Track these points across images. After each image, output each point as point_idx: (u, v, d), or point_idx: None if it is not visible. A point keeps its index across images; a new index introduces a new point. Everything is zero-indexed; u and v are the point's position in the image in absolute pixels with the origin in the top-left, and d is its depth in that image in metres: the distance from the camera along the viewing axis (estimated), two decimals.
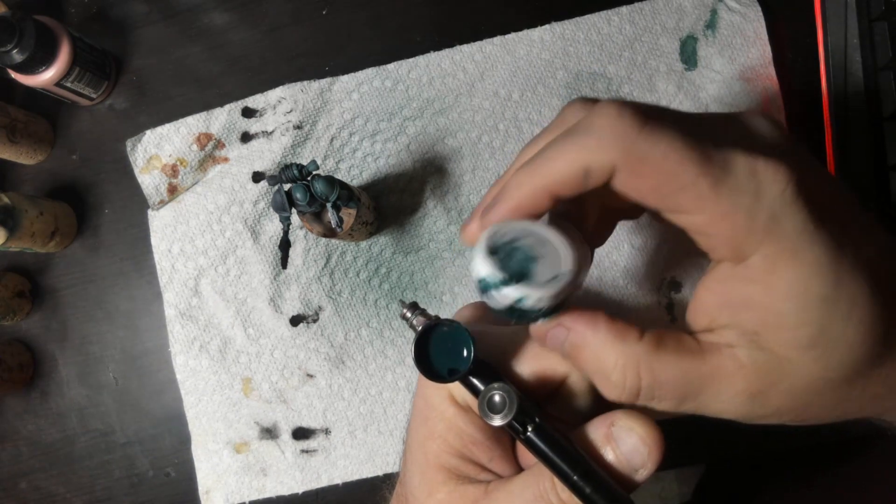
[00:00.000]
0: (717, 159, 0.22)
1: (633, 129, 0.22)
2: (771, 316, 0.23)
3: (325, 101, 0.48)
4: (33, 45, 0.45)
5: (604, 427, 0.24)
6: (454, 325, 0.25)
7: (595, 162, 0.23)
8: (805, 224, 0.22)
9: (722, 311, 0.24)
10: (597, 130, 0.23)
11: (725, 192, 0.22)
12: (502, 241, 0.24)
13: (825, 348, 0.23)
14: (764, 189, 0.22)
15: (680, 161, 0.22)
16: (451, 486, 0.26)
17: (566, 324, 0.25)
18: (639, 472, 0.24)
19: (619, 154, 0.22)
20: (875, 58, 0.42)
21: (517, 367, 0.26)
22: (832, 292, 0.22)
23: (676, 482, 1.03)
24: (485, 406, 0.24)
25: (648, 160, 0.22)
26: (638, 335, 0.25)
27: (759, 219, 0.22)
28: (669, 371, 0.24)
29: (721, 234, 0.23)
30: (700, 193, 0.22)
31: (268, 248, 0.48)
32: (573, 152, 0.23)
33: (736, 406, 0.24)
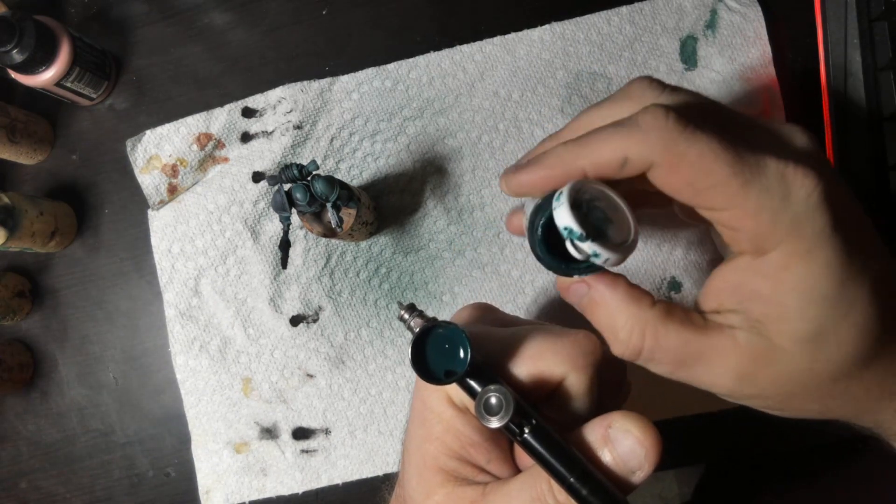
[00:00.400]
0: (750, 161, 0.24)
1: (676, 130, 0.24)
2: (775, 307, 0.25)
3: (325, 101, 0.48)
4: (33, 45, 0.45)
5: (601, 429, 0.24)
6: (451, 326, 0.25)
7: (634, 154, 0.25)
8: (823, 228, 0.24)
9: (731, 297, 0.26)
10: (642, 126, 0.24)
11: (754, 192, 0.24)
12: (584, 198, 0.26)
13: (818, 343, 0.25)
14: (791, 193, 0.24)
15: (715, 160, 0.24)
16: (449, 487, 0.26)
17: (589, 281, 0.27)
18: (636, 473, 0.24)
19: (660, 150, 0.24)
20: (875, 58, 0.42)
21: (514, 369, 0.26)
22: (835, 293, 0.24)
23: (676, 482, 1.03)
24: (481, 408, 0.24)
25: (686, 158, 0.24)
26: (651, 302, 0.27)
27: (783, 219, 0.24)
28: (671, 339, 0.26)
29: (746, 230, 0.25)
30: (731, 192, 0.24)
31: (268, 248, 0.48)
32: (616, 142, 0.25)
33: (724, 381, 0.26)
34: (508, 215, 0.32)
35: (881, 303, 0.24)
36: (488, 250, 0.47)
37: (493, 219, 0.47)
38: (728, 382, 0.26)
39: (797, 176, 0.24)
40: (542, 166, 0.27)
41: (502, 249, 0.47)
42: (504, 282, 0.46)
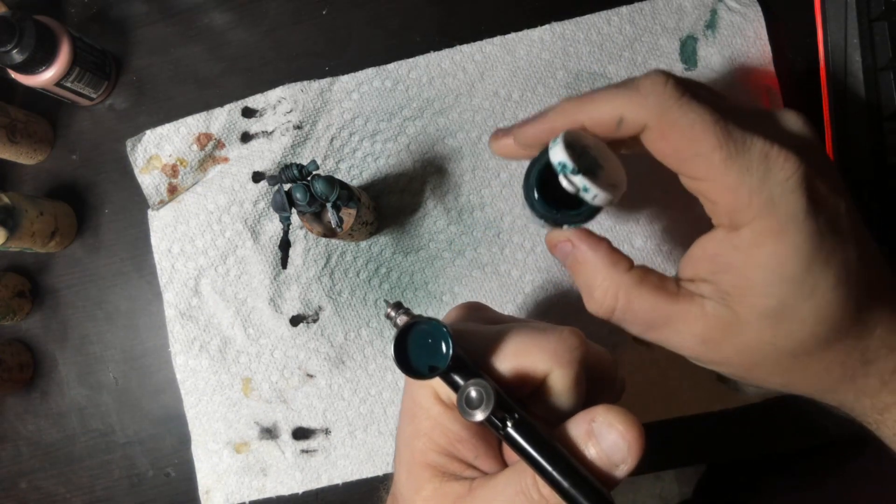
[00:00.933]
0: (737, 137, 0.25)
1: (673, 97, 0.25)
2: (743, 282, 0.26)
3: (325, 101, 0.48)
4: (33, 45, 0.45)
5: (585, 423, 0.24)
6: (433, 322, 0.25)
7: (631, 115, 0.26)
8: (797, 211, 0.25)
9: (706, 267, 0.28)
10: (641, 90, 0.26)
11: (735, 167, 0.25)
12: (578, 143, 0.28)
13: (779, 320, 0.26)
14: (771, 173, 0.25)
15: (703, 131, 0.25)
16: (437, 483, 0.26)
17: (574, 240, 0.30)
18: (620, 467, 0.24)
19: (654, 114, 0.26)
20: (875, 58, 0.42)
21: (498, 364, 0.26)
22: (801, 274, 0.25)
23: (676, 482, 1.03)
24: (463, 402, 0.24)
25: (677, 125, 0.25)
26: (628, 266, 0.29)
27: (759, 198, 0.25)
28: (643, 302, 0.28)
29: (723, 204, 0.26)
30: (713, 164, 0.25)
31: (268, 248, 0.48)
32: (615, 101, 0.27)
33: (690, 345, 0.28)
34: (493, 136, 0.34)
35: (846, 289, 0.26)
36: (488, 250, 0.47)
37: (493, 219, 0.47)
38: (693, 346, 0.28)
39: (779, 158, 0.25)
40: (545, 119, 0.29)
41: (502, 249, 0.47)
42: (504, 282, 0.46)
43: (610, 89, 0.27)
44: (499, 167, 0.47)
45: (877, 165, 0.42)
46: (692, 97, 0.25)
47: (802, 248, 0.25)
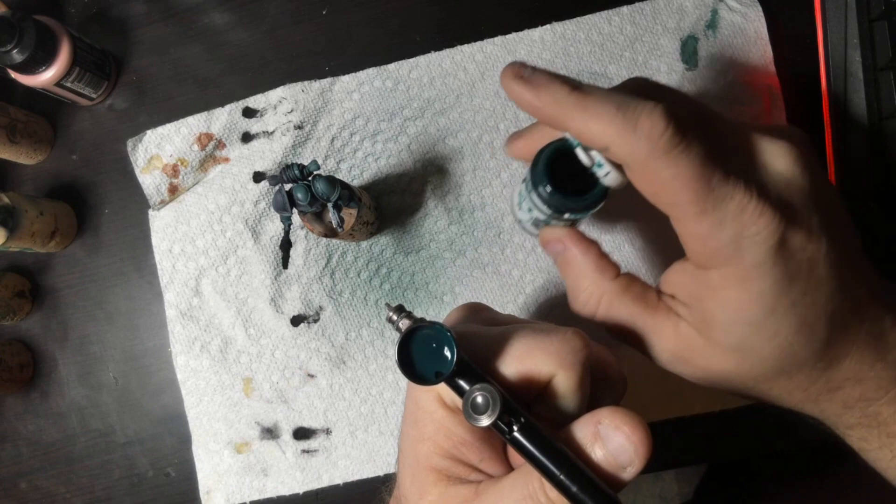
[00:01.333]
0: (716, 192, 0.25)
1: (665, 149, 0.25)
2: (709, 317, 0.27)
3: (325, 101, 0.48)
4: (33, 45, 0.45)
5: (591, 426, 0.24)
6: (437, 326, 0.25)
7: (617, 149, 0.26)
8: (763, 261, 0.25)
9: (681, 292, 0.29)
10: (637, 128, 0.25)
11: (708, 221, 0.25)
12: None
13: (742, 356, 0.27)
14: (744, 229, 0.25)
15: (682, 186, 0.25)
16: (442, 487, 0.26)
17: (566, 241, 0.31)
18: (626, 469, 0.24)
19: (639, 159, 0.25)
20: (875, 58, 0.42)
21: (502, 367, 0.26)
22: (762, 319, 0.26)
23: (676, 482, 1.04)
24: (469, 408, 0.24)
25: (658, 176, 0.25)
26: (614, 274, 0.30)
27: (728, 249, 0.26)
28: (622, 311, 0.30)
29: (693, 248, 0.27)
30: (686, 214, 0.26)
31: (269, 248, 0.48)
32: (607, 127, 0.26)
33: (662, 358, 0.30)
34: (510, 139, 0.34)
35: (809, 331, 0.26)
36: (489, 250, 0.47)
37: (494, 219, 0.47)
38: (664, 359, 0.30)
39: (755, 214, 0.25)
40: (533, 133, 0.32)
41: (503, 249, 0.47)
42: (505, 282, 0.46)
43: (608, 105, 0.26)
44: (499, 167, 0.47)
45: (877, 165, 0.42)
46: (685, 147, 0.25)
47: (766, 294, 0.26)
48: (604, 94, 0.26)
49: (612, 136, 0.25)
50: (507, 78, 0.28)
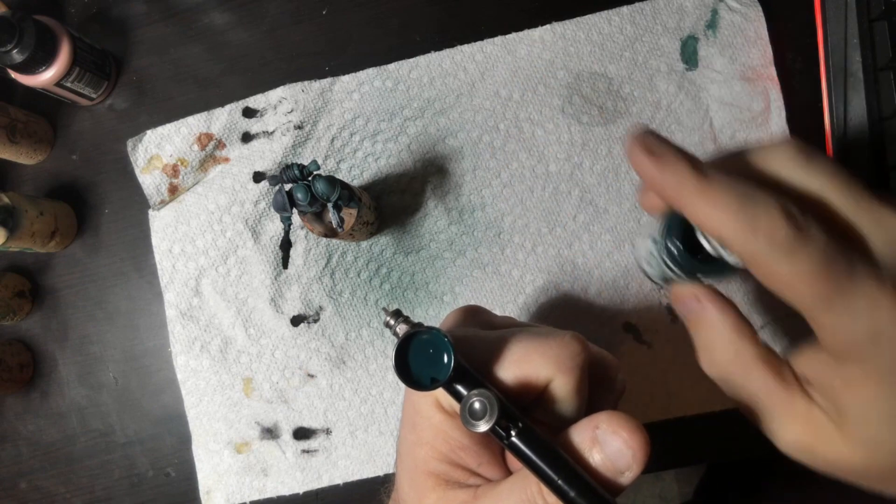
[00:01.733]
0: (843, 289, 0.24)
1: (782, 249, 0.24)
2: (844, 409, 0.26)
3: (325, 101, 0.48)
4: (33, 45, 0.45)
5: (589, 430, 0.24)
6: (434, 332, 0.25)
7: (735, 244, 0.25)
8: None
9: (816, 377, 0.28)
10: (755, 226, 0.25)
11: (836, 317, 0.25)
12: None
13: (874, 451, 0.26)
14: (880, 328, 0.24)
15: (805, 285, 0.24)
16: (440, 491, 0.26)
17: (702, 298, 0.29)
18: (624, 474, 0.23)
19: (759, 258, 0.25)
20: (875, 58, 0.42)
21: (500, 372, 0.26)
22: None
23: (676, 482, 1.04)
24: (466, 413, 0.24)
25: (780, 275, 0.25)
26: (754, 341, 0.29)
27: (863, 345, 0.24)
28: (756, 381, 0.28)
29: (825, 340, 0.26)
30: (813, 310, 0.25)
31: (269, 248, 0.48)
32: (726, 221, 0.25)
33: (785, 439, 0.28)
34: (644, 191, 0.33)
35: None
36: (489, 250, 0.47)
37: (494, 219, 0.47)
38: (786, 441, 0.28)
39: (892, 311, 0.24)
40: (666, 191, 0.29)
41: (503, 249, 0.47)
42: (505, 282, 0.46)
43: (730, 197, 0.25)
44: (499, 167, 0.47)
45: (877, 165, 0.42)
46: (804, 244, 0.24)
47: None
48: (728, 186, 0.26)
49: (730, 232, 0.25)
50: (634, 148, 0.28)
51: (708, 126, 0.45)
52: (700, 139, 0.45)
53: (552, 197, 0.46)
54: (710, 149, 0.45)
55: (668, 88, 0.46)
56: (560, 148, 0.46)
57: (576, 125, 0.46)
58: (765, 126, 0.45)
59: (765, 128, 0.45)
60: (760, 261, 0.25)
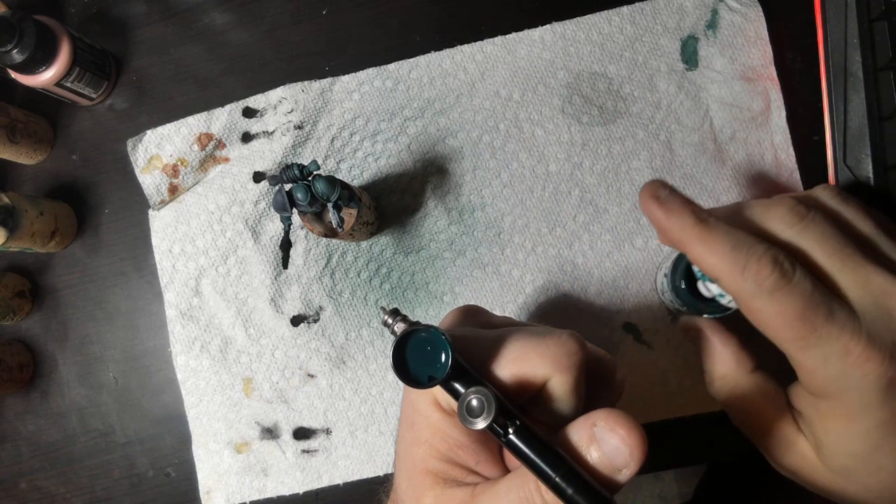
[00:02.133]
0: (820, 333, 0.27)
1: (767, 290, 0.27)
2: (819, 440, 0.30)
3: (325, 101, 0.48)
4: (33, 45, 0.45)
5: (586, 428, 0.24)
6: (432, 330, 0.25)
7: (725, 284, 0.29)
8: (870, 403, 0.27)
9: (801, 409, 0.31)
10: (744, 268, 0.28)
11: (811, 358, 0.27)
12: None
13: (847, 482, 0.29)
14: (848, 372, 0.27)
15: (785, 325, 0.27)
16: (439, 489, 0.26)
17: (706, 332, 0.35)
18: (622, 472, 0.24)
19: (745, 297, 0.28)
20: (875, 58, 0.42)
21: (498, 370, 0.26)
22: (866, 454, 0.28)
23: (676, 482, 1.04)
24: (464, 410, 0.24)
25: (763, 314, 0.28)
26: (750, 368, 0.33)
27: (833, 385, 0.27)
28: (752, 407, 0.32)
29: (800, 376, 0.29)
30: (790, 349, 0.28)
31: (269, 248, 0.48)
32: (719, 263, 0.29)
33: (775, 463, 0.32)
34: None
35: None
36: (489, 250, 0.47)
37: (494, 219, 0.47)
38: (778, 465, 0.32)
39: (860, 358, 0.26)
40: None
41: (503, 249, 0.47)
42: (505, 282, 0.46)
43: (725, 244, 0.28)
44: (499, 167, 0.47)
45: (877, 165, 0.42)
46: (789, 290, 0.27)
47: (871, 432, 0.27)
48: (724, 233, 0.29)
49: (722, 272, 0.28)
50: (645, 194, 0.31)
51: (708, 126, 0.45)
52: (700, 139, 0.45)
53: (552, 197, 0.46)
54: (710, 148, 0.45)
55: (668, 88, 0.46)
56: (560, 148, 0.46)
57: (576, 125, 0.46)
58: (765, 126, 0.45)
59: (765, 128, 0.45)
60: (747, 300, 0.28)
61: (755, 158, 0.45)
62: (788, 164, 0.44)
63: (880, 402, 0.27)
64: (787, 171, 0.44)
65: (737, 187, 0.45)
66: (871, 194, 0.42)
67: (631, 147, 0.46)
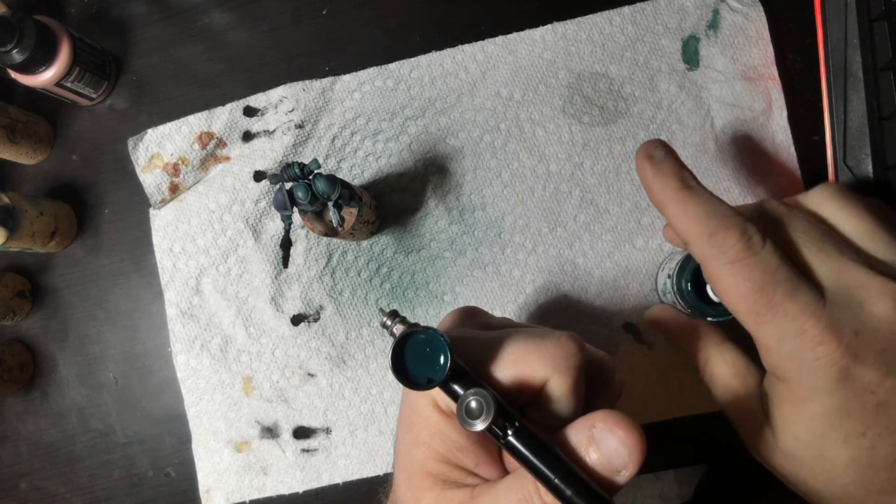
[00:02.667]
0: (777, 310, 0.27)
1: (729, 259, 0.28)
2: (774, 424, 0.30)
3: (326, 101, 0.48)
4: (33, 45, 0.45)
5: (585, 429, 0.24)
6: (431, 331, 0.25)
7: (692, 247, 0.29)
8: (821, 388, 0.27)
9: (768, 391, 0.31)
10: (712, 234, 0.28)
11: (766, 335, 0.28)
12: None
13: (797, 466, 0.30)
14: (801, 354, 0.27)
15: (741, 297, 0.28)
16: (438, 491, 0.26)
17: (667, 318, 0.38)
18: (621, 473, 0.24)
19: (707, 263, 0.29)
20: (875, 58, 0.42)
21: (497, 372, 0.26)
22: (812, 441, 0.28)
23: (676, 482, 1.04)
24: (463, 412, 0.24)
25: (723, 282, 0.28)
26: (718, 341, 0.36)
27: (788, 365, 0.28)
28: (720, 384, 0.34)
29: (761, 356, 0.30)
30: (747, 323, 0.28)
31: (269, 247, 0.48)
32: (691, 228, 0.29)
33: (742, 436, 0.33)
34: (665, 228, 0.42)
35: (861, 472, 0.28)
36: (489, 250, 0.47)
37: (495, 219, 0.47)
38: (747, 445, 0.33)
39: (814, 341, 0.26)
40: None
41: (503, 249, 0.47)
42: (505, 282, 0.46)
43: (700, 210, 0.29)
44: (500, 167, 0.47)
45: (877, 165, 0.42)
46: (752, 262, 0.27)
47: (818, 419, 0.28)
48: (703, 200, 0.29)
49: (692, 236, 0.29)
50: (640, 152, 0.32)
51: (709, 126, 0.45)
52: (701, 139, 0.45)
53: (553, 197, 0.46)
54: (711, 148, 0.45)
55: (669, 88, 0.46)
56: (561, 148, 0.46)
57: (577, 125, 0.46)
58: (766, 125, 0.45)
59: (766, 127, 0.45)
60: (709, 266, 0.29)
61: (756, 158, 0.45)
62: (790, 163, 0.44)
63: (830, 389, 0.27)
64: (789, 171, 0.44)
65: (738, 187, 0.45)
66: (871, 194, 0.42)
67: (632, 147, 0.46)
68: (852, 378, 0.26)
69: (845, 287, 0.28)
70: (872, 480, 0.28)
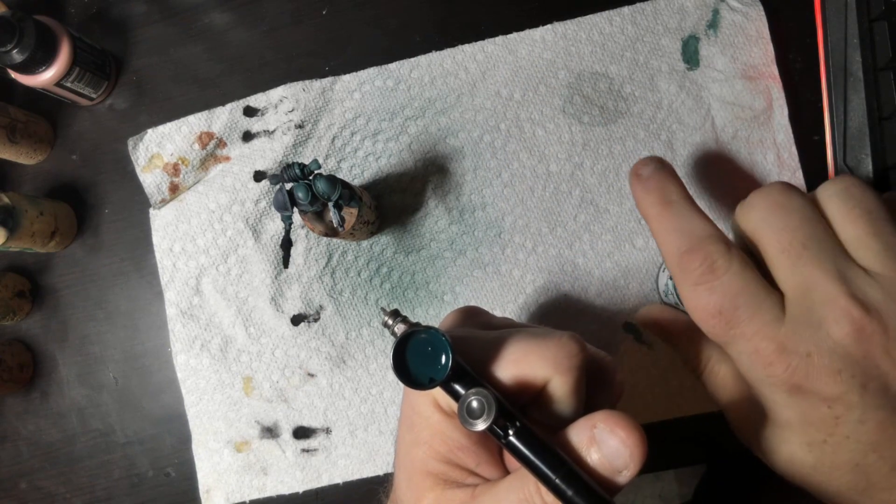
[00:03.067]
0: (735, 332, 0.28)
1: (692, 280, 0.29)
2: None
3: (326, 101, 0.48)
4: (33, 45, 0.45)
5: (586, 429, 0.24)
6: (432, 331, 0.25)
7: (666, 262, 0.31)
8: (777, 402, 0.29)
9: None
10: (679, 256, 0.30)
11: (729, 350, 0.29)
12: None
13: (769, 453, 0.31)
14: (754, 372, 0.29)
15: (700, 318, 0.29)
16: (438, 491, 0.26)
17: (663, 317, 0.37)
18: (622, 473, 0.24)
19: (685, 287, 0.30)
20: (875, 58, 0.42)
21: (498, 372, 0.26)
22: (776, 444, 0.30)
23: (676, 482, 1.04)
24: (464, 412, 0.24)
25: (687, 304, 0.30)
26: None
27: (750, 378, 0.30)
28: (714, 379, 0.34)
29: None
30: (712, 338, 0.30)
31: (269, 247, 0.48)
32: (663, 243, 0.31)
33: (729, 416, 0.34)
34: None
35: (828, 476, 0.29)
36: (489, 250, 0.47)
37: (495, 219, 0.47)
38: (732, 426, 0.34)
39: (765, 362, 0.28)
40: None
41: (503, 249, 0.47)
42: (505, 281, 0.46)
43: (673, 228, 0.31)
44: (500, 167, 0.47)
45: (877, 165, 0.42)
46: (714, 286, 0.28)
47: (781, 427, 0.29)
48: (678, 217, 0.30)
49: (665, 253, 0.30)
50: (631, 171, 0.33)
51: (710, 125, 0.45)
52: (702, 138, 0.45)
53: (553, 197, 0.46)
54: (711, 148, 0.45)
55: (669, 88, 0.46)
56: (561, 148, 0.46)
57: (577, 125, 0.46)
58: (767, 125, 0.45)
59: (767, 126, 0.45)
60: (677, 284, 0.30)
61: (757, 158, 0.45)
62: (791, 162, 0.44)
63: (785, 402, 0.28)
64: (790, 170, 0.44)
65: (738, 187, 0.45)
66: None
67: (632, 147, 0.46)
68: (805, 393, 0.27)
69: (810, 303, 0.27)
70: (836, 481, 0.28)
